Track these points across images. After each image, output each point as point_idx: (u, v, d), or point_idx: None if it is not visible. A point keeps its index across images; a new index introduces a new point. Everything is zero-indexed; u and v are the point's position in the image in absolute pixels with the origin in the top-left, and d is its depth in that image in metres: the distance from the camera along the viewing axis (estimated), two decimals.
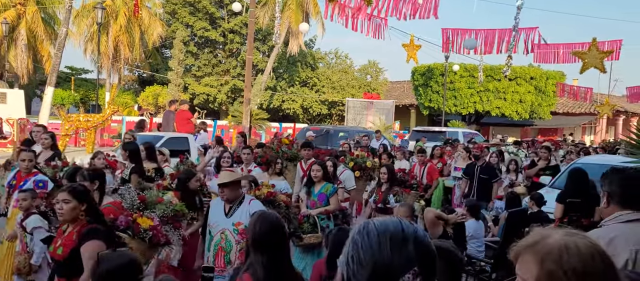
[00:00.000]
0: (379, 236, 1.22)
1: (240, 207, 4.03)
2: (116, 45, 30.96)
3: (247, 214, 3.88)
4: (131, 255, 2.56)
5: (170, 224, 3.88)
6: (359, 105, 28.33)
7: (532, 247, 1.21)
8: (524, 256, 1.22)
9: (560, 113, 31.84)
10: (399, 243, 1.21)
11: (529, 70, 28.09)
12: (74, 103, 33.47)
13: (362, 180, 7.84)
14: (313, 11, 29.11)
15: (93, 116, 17.33)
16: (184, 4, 33.19)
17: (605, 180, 2.57)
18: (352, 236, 1.25)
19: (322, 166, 5.47)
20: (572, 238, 1.19)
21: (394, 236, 1.21)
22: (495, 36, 17.20)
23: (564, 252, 1.16)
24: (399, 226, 1.24)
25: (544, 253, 1.18)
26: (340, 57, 39.29)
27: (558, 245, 1.17)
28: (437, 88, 28.57)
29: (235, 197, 4.03)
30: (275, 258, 2.56)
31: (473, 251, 5.86)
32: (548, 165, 9.01)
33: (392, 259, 1.19)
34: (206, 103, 33.16)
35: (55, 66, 20.55)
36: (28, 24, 29.10)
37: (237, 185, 4.05)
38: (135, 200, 3.80)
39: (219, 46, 35.08)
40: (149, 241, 3.52)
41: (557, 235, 1.20)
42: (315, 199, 5.39)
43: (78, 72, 37.79)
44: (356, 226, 1.27)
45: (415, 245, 1.22)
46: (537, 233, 1.24)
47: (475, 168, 8.49)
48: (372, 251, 1.20)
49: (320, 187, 5.40)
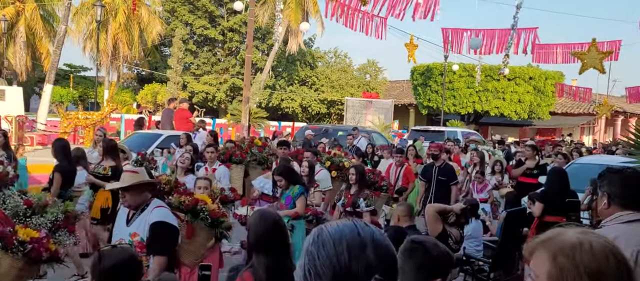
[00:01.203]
0: (335, 244, 1.14)
1: (141, 215, 3.38)
2: (115, 43, 30.91)
3: (145, 224, 3.31)
4: (132, 251, 2.55)
5: (65, 229, 3.45)
6: (358, 104, 28.34)
7: (546, 243, 1.21)
8: (537, 253, 1.22)
9: (559, 113, 31.87)
10: (357, 250, 1.14)
11: (528, 70, 28.11)
12: (72, 101, 33.44)
13: (339, 180, 7.35)
14: (312, 10, 29.12)
15: (92, 114, 17.34)
16: (184, 2, 33.17)
17: (604, 180, 2.57)
18: (306, 248, 1.18)
19: (284, 174, 5.22)
20: (587, 236, 1.18)
21: (350, 243, 1.14)
22: (495, 36, 17.23)
23: (578, 249, 1.15)
24: (355, 230, 1.17)
25: (557, 248, 1.17)
26: (339, 56, 39.31)
27: (571, 241, 1.17)
28: (436, 87, 28.58)
29: (138, 202, 3.37)
30: (278, 258, 2.55)
31: (471, 250, 5.86)
32: (537, 164, 8.75)
33: (350, 267, 1.12)
34: (205, 101, 33.14)
35: (54, 63, 20.55)
36: (27, 21, 29.04)
37: (141, 189, 3.36)
38: (21, 205, 3.35)
39: (218, 44, 35.06)
40: (26, 256, 3.02)
41: (571, 232, 1.20)
42: (283, 202, 5.22)
43: (77, 70, 37.74)
44: (309, 237, 1.19)
45: (374, 248, 1.15)
46: (552, 231, 1.24)
47: (433, 170, 7.67)
48: (330, 262, 1.13)
49: (288, 190, 5.22)
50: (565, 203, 5.17)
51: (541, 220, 5.13)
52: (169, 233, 3.33)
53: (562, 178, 5.53)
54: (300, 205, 5.10)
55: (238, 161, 7.34)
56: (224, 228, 3.87)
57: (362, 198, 5.61)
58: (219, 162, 6.84)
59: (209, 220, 3.79)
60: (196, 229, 3.76)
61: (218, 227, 3.84)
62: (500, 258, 5.67)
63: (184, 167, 5.91)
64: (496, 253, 5.69)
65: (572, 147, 14.96)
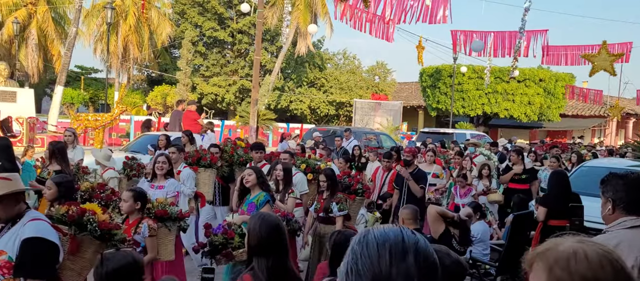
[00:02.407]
0: (379, 247, 1.17)
1: (12, 229, 2.89)
2: (125, 44, 31.18)
3: (15, 240, 2.81)
4: (135, 254, 2.57)
5: None
6: (366, 106, 28.31)
7: (543, 255, 1.19)
8: (535, 265, 1.21)
9: (570, 115, 31.63)
10: (398, 255, 1.16)
11: (538, 72, 27.94)
12: (83, 102, 33.74)
13: (315, 183, 6.85)
14: (321, 12, 29.13)
15: (102, 115, 17.46)
16: (193, 4, 33.35)
17: (607, 185, 2.55)
18: (351, 246, 1.22)
19: (256, 171, 4.94)
20: (582, 245, 1.17)
21: (393, 247, 1.17)
22: (506, 38, 17.17)
23: (572, 259, 1.14)
24: (400, 237, 1.19)
25: (553, 260, 1.16)
26: (348, 57, 39.29)
27: (567, 252, 1.16)
28: (445, 89, 28.48)
29: (10, 215, 2.89)
30: (278, 261, 2.55)
31: (478, 254, 5.82)
32: (524, 169, 8.47)
33: (390, 272, 1.14)
34: (214, 103, 33.28)
35: (65, 65, 20.75)
36: (39, 24, 29.38)
37: (13, 198, 2.90)
38: None
39: (227, 46, 35.21)
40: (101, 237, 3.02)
41: (567, 243, 1.18)
42: (245, 209, 4.83)
43: (88, 72, 38.08)
44: (356, 236, 1.24)
45: (416, 256, 1.17)
46: (550, 241, 1.23)
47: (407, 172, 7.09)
48: (371, 263, 1.16)
49: (253, 195, 4.87)
50: (568, 206, 5.12)
51: (545, 224, 5.08)
52: (45, 251, 2.81)
53: (562, 181, 5.47)
54: None
55: (207, 165, 6.79)
56: (118, 242, 3.39)
57: (334, 202, 5.36)
58: (184, 164, 6.45)
59: (97, 232, 3.28)
60: (82, 244, 3.23)
61: (109, 241, 3.35)
62: (506, 261, 5.63)
63: (162, 172, 5.48)
64: (503, 257, 5.65)
65: (582, 149, 14.77)
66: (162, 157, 5.58)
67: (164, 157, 5.58)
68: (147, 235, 4.10)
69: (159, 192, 5.27)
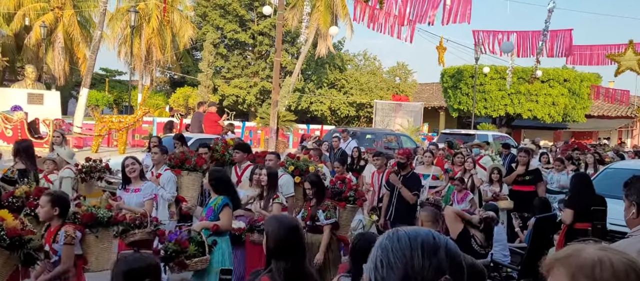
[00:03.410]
0: (411, 241, 1.21)
1: None
2: (148, 47, 31.67)
3: None
4: (151, 259, 2.59)
5: None
6: (387, 107, 28.20)
7: (565, 260, 1.18)
8: (555, 270, 1.19)
9: (596, 116, 30.99)
10: (430, 250, 1.19)
11: (562, 72, 27.44)
12: (107, 104, 34.36)
13: (303, 186, 6.30)
14: (341, 13, 29.11)
15: (125, 117, 17.76)
16: (215, 6, 33.69)
17: (631, 188, 2.49)
18: (380, 241, 1.25)
19: (215, 177, 4.62)
20: (606, 253, 1.15)
21: (425, 243, 1.20)
22: (529, 38, 16.91)
23: (598, 267, 1.12)
24: (430, 234, 1.23)
25: (576, 267, 1.15)
26: (368, 58, 39.20)
27: (592, 259, 1.14)
28: (466, 90, 28.19)
29: None
30: (296, 262, 2.56)
31: (499, 256, 5.75)
32: (527, 170, 7.98)
33: (422, 265, 1.17)
34: (235, 104, 33.54)
35: (90, 68, 21.18)
36: (65, 27, 30.04)
37: None
38: None
39: (248, 48, 35.47)
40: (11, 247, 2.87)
41: (590, 249, 1.17)
42: (204, 214, 4.56)
43: (112, 74, 38.80)
44: (384, 234, 1.26)
45: (446, 253, 1.20)
46: (571, 247, 1.21)
47: (398, 179, 6.55)
48: (404, 255, 1.19)
49: (212, 199, 4.60)
50: (591, 209, 5.01)
51: (570, 227, 4.99)
52: None
53: (584, 183, 5.37)
54: (225, 218, 4.43)
55: (191, 168, 6.24)
56: (31, 249, 3.18)
57: (321, 210, 4.97)
58: (165, 167, 6.01)
59: (6, 241, 3.10)
60: None
61: (21, 249, 3.14)
62: (529, 265, 5.54)
63: (134, 175, 5.13)
64: (525, 260, 5.57)
65: (607, 151, 14.42)
66: (129, 159, 5.23)
67: (131, 159, 5.24)
68: (63, 242, 3.67)
69: (134, 195, 5.03)
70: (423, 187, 7.63)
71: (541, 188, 8.02)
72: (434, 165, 8.40)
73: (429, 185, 7.84)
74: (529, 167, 8.04)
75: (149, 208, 4.93)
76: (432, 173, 8.03)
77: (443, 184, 8.09)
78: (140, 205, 4.98)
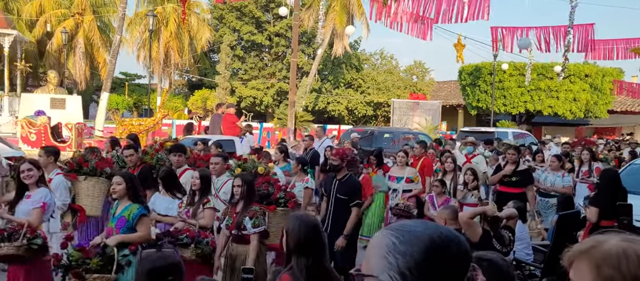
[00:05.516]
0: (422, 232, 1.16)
1: None
2: (167, 50, 32.04)
3: None
4: (173, 257, 2.61)
5: None
6: (404, 106, 28.08)
7: (588, 252, 1.17)
8: (578, 262, 1.18)
9: (619, 111, 30.41)
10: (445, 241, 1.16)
11: (583, 67, 26.97)
12: (127, 107, 34.86)
13: None
14: (357, 13, 29.08)
15: (145, 120, 18.00)
16: (231, 9, 33.94)
17: None
18: (387, 237, 1.16)
19: (125, 179, 4.00)
20: (632, 244, 1.14)
21: (440, 235, 1.16)
22: (550, 33, 16.63)
23: (623, 258, 1.12)
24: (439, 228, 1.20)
25: (601, 258, 1.14)
26: (385, 57, 39.05)
27: (616, 250, 1.13)
28: (485, 87, 27.89)
29: None
30: (317, 260, 2.58)
31: (521, 254, 5.68)
32: (516, 170, 7.19)
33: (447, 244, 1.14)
34: (253, 106, 33.73)
35: (110, 72, 21.52)
36: (85, 33, 30.55)
37: None
38: None
39: (265, 49, 35.66)
40: None
41: (613, 241, 1.16)
42: (113, 225, 3.94)
43: (132, 78, 39.35)
44: (388, 227, 1.21)
45: (458, 247, 1.17)
46: (593, 238, 1.20)
47: (333, 184, 5.56)
48: (418, 239, 1.13)
49: (122, 208, 3.96)
50: (616, 205, 4.92)
51: (596, 225, 4.90)
52: None
53: (613, 179, 5.27)
54: (145, 230, 3.94)
55: (89, 172, 5.42)
56: None
57: (248, 217, 4.26)
58: (57, 171, 5.29)
59: None
60: None
61: None
62: (552, 263, 5.46)
63: (31, 181, 4.38)
64: (548, 258, 5.49)
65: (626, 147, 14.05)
66: (25, 164, 4.45)
67: (27, 163, 4.46)
68: None
69: (25, 203, 4.35)
70: (397, 191, 7.07)
71: (532, 191, 7.28)
72: (409, 167, 7.59)
73: (403, 188, 7.10)
74: (518, 167, 7.29)
75: (36, 218, 4.19)
76: (406, 175, 7.28)
77: (419, 187, 7.38)
78: (29, 213, 4.28)
